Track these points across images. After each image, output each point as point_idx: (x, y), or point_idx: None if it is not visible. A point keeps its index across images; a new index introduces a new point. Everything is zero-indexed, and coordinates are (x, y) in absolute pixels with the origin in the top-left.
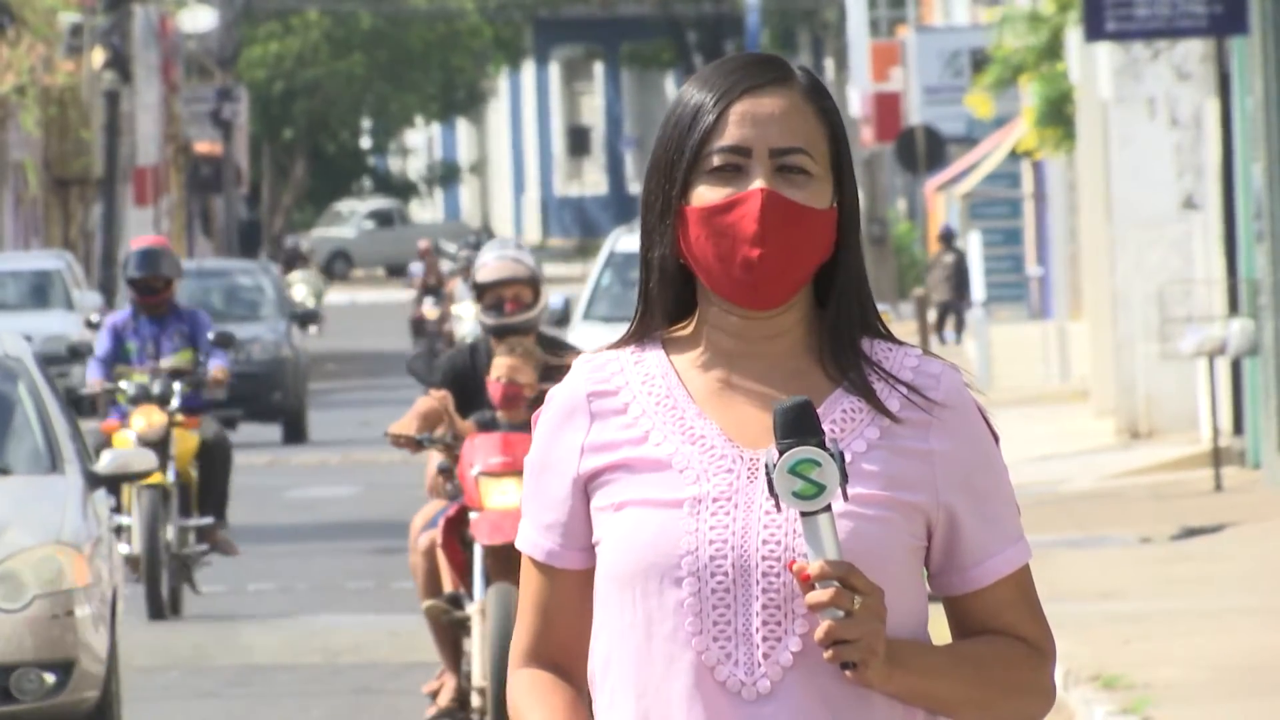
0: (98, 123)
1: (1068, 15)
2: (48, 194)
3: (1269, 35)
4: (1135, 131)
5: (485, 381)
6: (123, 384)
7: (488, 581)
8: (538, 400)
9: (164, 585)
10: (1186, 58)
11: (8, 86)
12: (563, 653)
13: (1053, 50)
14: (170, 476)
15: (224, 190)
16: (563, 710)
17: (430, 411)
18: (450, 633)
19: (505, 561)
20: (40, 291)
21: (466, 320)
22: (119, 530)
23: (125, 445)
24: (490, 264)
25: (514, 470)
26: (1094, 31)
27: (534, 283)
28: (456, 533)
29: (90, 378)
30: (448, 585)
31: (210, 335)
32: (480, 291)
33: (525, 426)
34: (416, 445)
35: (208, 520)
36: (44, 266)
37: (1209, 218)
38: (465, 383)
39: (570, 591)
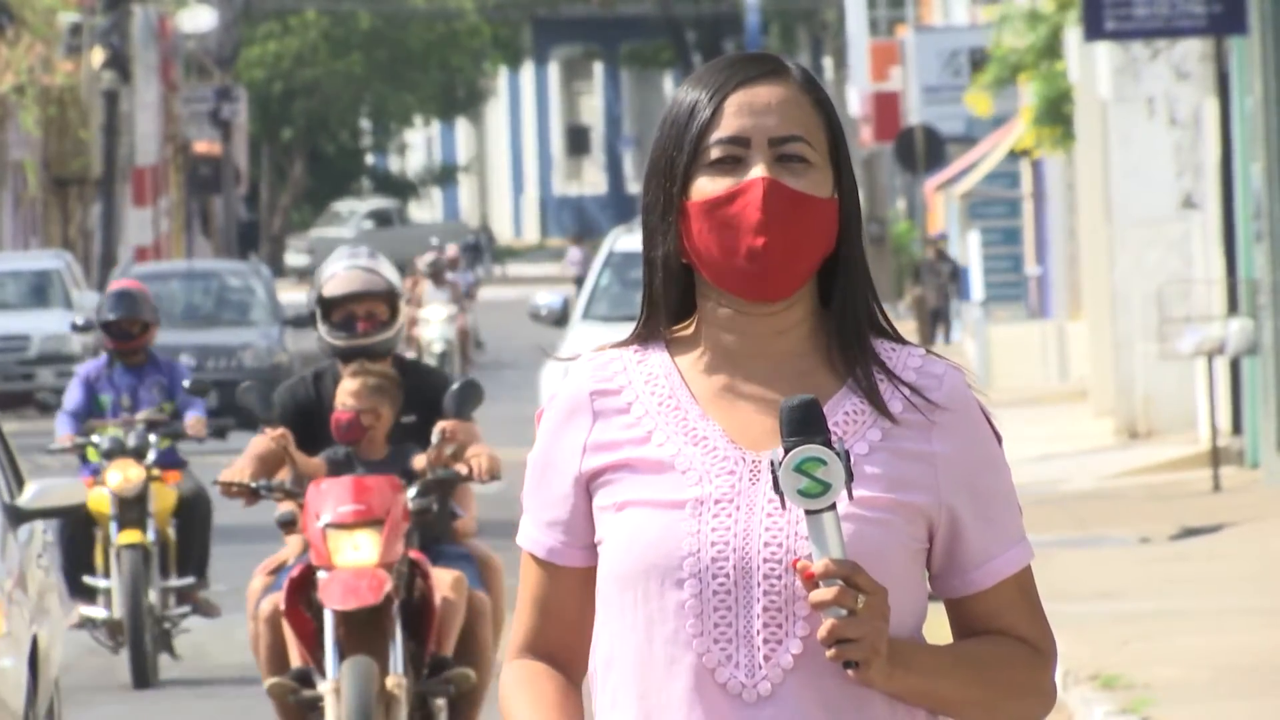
0: (97, 122)
1: (1067, 14)
2: (47, 194)
3: (1268, 35)
4: (1134, 131)
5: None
6: (95, 438)
7: (341, 654)
8: (398, 433)
9: (149, 651)
10: (1186, 57)
11: (7, 86)
12: (561, 649)
13: (1052, 49)
14: (150, 535)
15: (223, 190)
16: (552, 696)
17: (268, 454)
18: (298, 715)
19: (361, 629)
20: (39, 291)
21: (434, 323)
22: (93, 593)
23: (102, 503)
24: (340, 275)
25: (369, 520)
26: (1093, 31)
27: (390, 298)
28: (303, 596)
29: (60, 432)
30: (295, 659)
31: (185, 383)
32: (327, 307)
33: (383, 466)
34: (252, 495)
35: (188, 581)
36: (43, 266)
37: (1208, 217)
38: (310, 417)
39: (571, 589)
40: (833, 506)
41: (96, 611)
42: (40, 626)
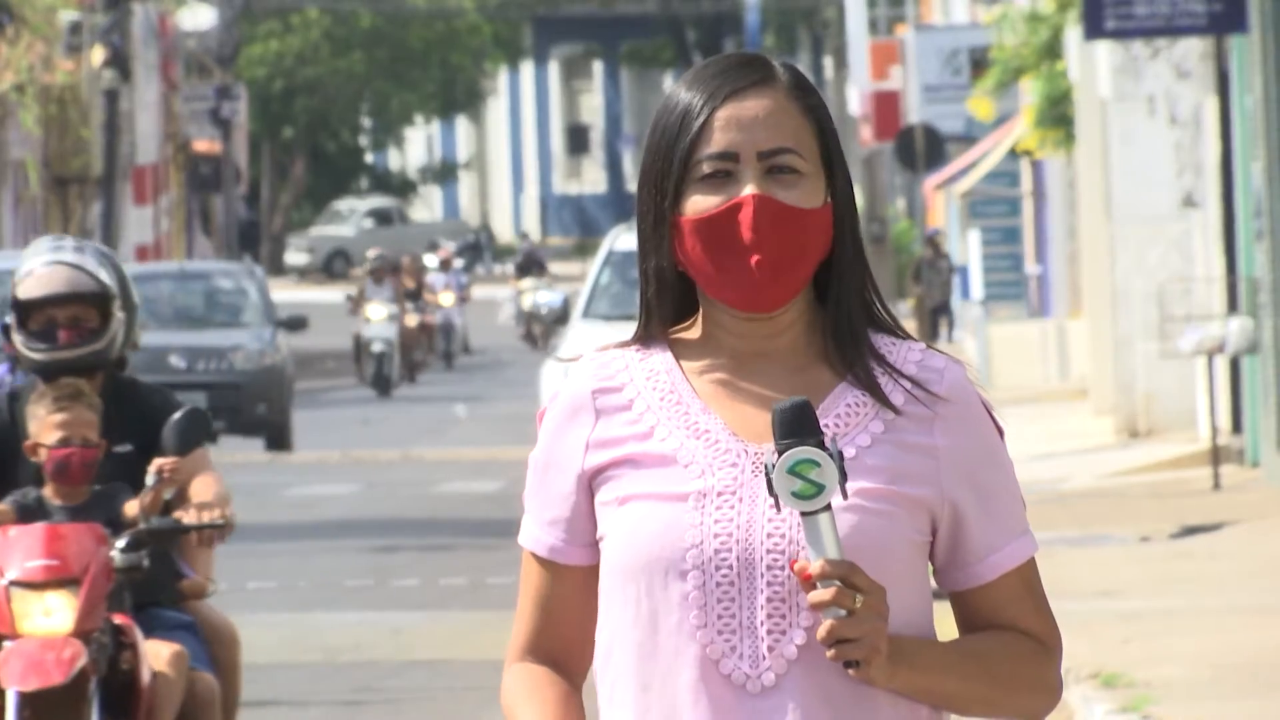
0: (97, 121)
1: (1067, 14)
2: (47, 192)
3: (1268, 34)
4: (1135, 130)
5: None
6: None
7: None
8: (108, 468)
9: None
10: (1186, 56)
11: (7, 85)
12: (562, 649)
13: (1052, 49)
14: None
15: (223, 189)
16: (554, 704)
17: None
18: None
19: (50, 711)
20: None
21: (374, 323)
22: None
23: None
24: (39, 273)
25: (63, 578)
26: (1093, 30)
27: (102, 300)
28: None
29: None
30: None
31: None
32: (23, 313)
33: (85, 511)
34: None
35: None
36: None
37: (1208, 216)
38: (3, 446)
39: (572, 588)
40: (827, 507)
41: None
42: None
